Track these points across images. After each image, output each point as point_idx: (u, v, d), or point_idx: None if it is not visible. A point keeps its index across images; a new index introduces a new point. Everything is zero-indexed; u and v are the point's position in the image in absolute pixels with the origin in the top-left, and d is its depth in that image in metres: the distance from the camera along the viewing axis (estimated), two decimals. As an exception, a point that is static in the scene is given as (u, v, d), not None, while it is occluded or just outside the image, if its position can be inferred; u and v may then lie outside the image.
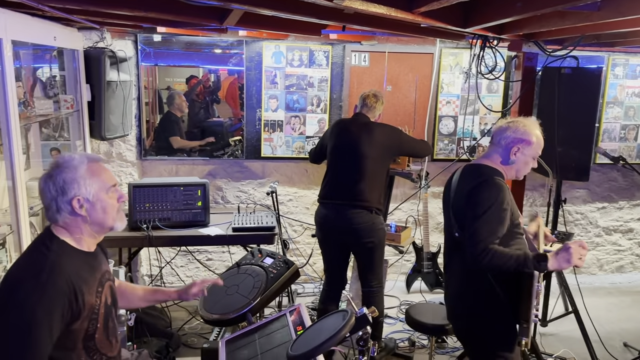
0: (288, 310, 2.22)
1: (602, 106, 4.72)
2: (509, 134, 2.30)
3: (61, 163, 1.71)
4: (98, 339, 1.73)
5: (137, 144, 4.30)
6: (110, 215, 1.76)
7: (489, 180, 2.19)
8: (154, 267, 4.38)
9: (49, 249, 1.66)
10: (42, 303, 1.56)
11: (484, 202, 2.13)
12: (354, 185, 3.22)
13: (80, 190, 1.69)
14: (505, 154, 2.30)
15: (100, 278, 1.79)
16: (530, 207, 4.99)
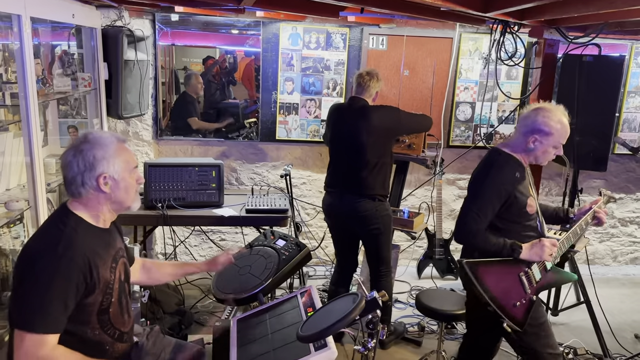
0: (299, 291, 2.24)
1: (624, 95, 4.63)
2: (528, 122, 2.29)
3: (91, 139, 1.75)
4: (112, 313, 1.77)
5: (153, 123, 4.33)
6: (131, 195, 1.82)
7: (490, 161, 2.30)
8: (168, 245, 4.44)
9: (65, 224, 1.69)
10: (58, 274, 1.60)
11: (477, 181, 2.30)
12: (355, 174, 3.21)
13: (109, 168, 1.74)
14: (524, 142, 2.29)
15: (115, 255, 1.82)
16: (546, 197, 4.94)
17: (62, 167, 1.76)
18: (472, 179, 2.38)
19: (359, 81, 3.28)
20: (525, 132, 2.29)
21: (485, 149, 4.70)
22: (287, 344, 1.89)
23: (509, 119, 4.66)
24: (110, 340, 1.78)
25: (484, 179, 2.28)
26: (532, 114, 2.30)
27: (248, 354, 1.92)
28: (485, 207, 2.24)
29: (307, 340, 1.70)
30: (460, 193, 4.90)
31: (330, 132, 3.37)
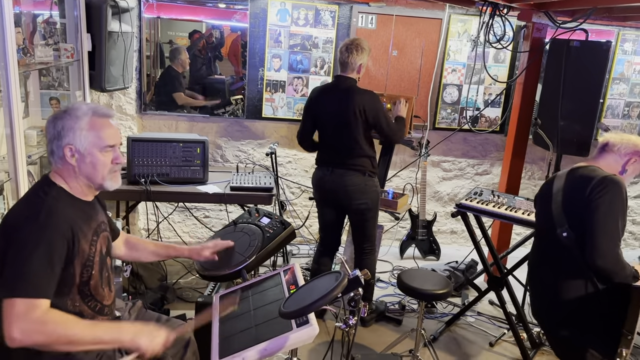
0: (282, 269, 2.25)
1: (608, 82, 4.67)
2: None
3: (68, 109, 1.74)
4: (93, 285, 1.76)
5: (137, 97, 4.27)
6: (100, 172, 1.76)
7: (613, 184, 2.17)
8: (151, 221, 4.41)
9: (47, 193, 1.69)
10: (42, 240, 1.59)
11: (609, 207, 2.13)
12: (346, 150, 3.23)
13: (75, 140, 1.71)
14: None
15: (96, 228, 1.81)
16: (529, 180, 5.00)
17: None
18: (594, 202, 2.16)
19: (340, 58, 3.25)
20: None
21: (471, 132, 4.73)
22: (269, 320, 1.90)
23: (494, 103, 4.68)
24: (91, 312, 1.78)
25: (614, 203, 2.16)
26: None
27: (230, 329, 1.93)
28: (619, 233, 2.16)
29: (289, 316, 1.72)
30: (444, 175, 4.94)
31: (318, 113, 3.34)
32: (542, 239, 2.43)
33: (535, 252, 2.50)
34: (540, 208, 2.49)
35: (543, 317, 2.40)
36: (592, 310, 2.19)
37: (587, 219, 2.14)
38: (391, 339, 3.25)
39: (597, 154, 2.38)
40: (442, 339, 3.46)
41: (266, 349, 1.78)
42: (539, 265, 2.42)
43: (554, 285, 2.27)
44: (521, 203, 3.30)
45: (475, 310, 3.81)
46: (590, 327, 2.20)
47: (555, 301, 2.25)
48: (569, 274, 2.22)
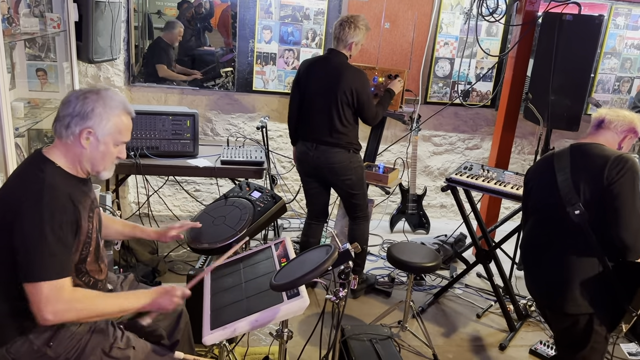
0: (273, 243, 2.27)
1: (600, 56, 4.67)
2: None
3: (102, 94, 1.74)
4: (89, 262, 1.77)
5: (125, 69, 4.20)
6: (104, 163, 1.79)
7: (630, 162, 2.18)
8: (141, 195, 4.40)
9: (43, 170, 1.67)
10: (51, 220, 1.59)
11: (632, 185, 2.15)
12: (331, 126, 3.21)
13: (98, 127, 1.71)
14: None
15: (91, 204, 1.81)
16: (519, 155, 5.03)
17: (62, 102, 1.74)
18: (617, 184, 2.16)
19: (334, 33, 3.23)
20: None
21: (462, 106, 4.73)
22: (261, 293, 1.92)
23: (486, 77, 4.67)
24: (85, 287, 1.78)
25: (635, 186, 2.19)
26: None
27: (221, 301, 1.95)
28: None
29: (280, 289, 1.74)
30: (435, 150, 4.95)
31: (305, 85, 3.31)
32: (545, 219, 2.39)
33: (535, 231, 2.46)
34: (540, 187, 2.43)
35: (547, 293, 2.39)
36: (602, 287, 2.21)
37: (608, 199, 2.14)
38: (380, 311, 3.30)
39: (594, 131, 2.36)
40: (430, 311, 3.53)
41: (257, 320, 1.80)
42: (543, 245, 2.39)
43: (563, 265, 2.26)
44: (510, 177, 3.32)
45: (463, 283, 3.88)
46: (598, 302, 2.22)
47: (564, 277, 2.25)
48: (579, 252, 2.22)
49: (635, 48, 4.72)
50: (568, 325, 2.33)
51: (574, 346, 2.32)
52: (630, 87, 4.83)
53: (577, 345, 2.29)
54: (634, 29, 4.66)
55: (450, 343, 3.20)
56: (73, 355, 1.72)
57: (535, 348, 3.13)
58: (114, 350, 1.77)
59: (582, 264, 2.22)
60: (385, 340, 2.52)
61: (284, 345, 2.08)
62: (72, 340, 1.72)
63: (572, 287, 2.22)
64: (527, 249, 2.52)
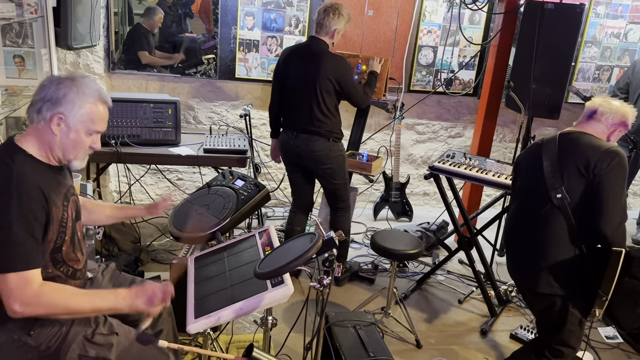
0: (257, 231, 2.27)
1: (580, 45, 4.72)
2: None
3: (78, 81, 1.70)
4: (65, 251, 1.75)
5: (105, 56, 4.13)
6: (76, 152, 1.74)
7: (619, 156, 2.21)
8: (122, 183, 4.35)
9: (13, 159, 1.63)
10: (18, 211, 1.56)
11: (619, 178, 2.19)
12: (311, 115, 3.20)
13: (69, 113, 1.67)
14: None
15: (66, 192, 1.78)
16: (500, 143, 5.08)
17: (38, 86, 1.70)
18: (604, 173, 2.20)
19: (317, 19, 3.20)
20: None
21: (445, 95, 4.75)
22: (245, 281, 1.92)
23: (468, 65, 4.69)
24: (63, 277, 1.76)
25: (623, 177, 2.24)
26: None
27: (205, 290, 1.95)
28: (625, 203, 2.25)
29: (264, 277, 1.74)
30: (418, 138, 4.97)
31: (286, 73, 3.29)
32: (528, 201, 2.45)
33: (519, 212, 2.52)
34: (527, 171, 2.48)
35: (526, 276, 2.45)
36: (577, 271, 2.27)
37: (594, 190, 2.19)
38: (364, 298, 3.33)
39: (585, 121, 2.38)
40: (413, 297, 3.57)
41: (242, 308, 1.81)
42: (524, 225, 2.45)
43: (540, 244, 2.32)
44: (492, 165, 3.35)
45: (445, 269, 3.93)
46: (572, 285, 2.28)
47: (541, 259, 2.31)
48: (557, 235, 2.28)
49: (615, 37, 4.78)
50: (545, 307, 2.40)
51: (551, 328, 2.38)
52: (610, 76, 4.89)
53: (555, 328, 2.36)
54: (614, 18, 4.71)
55: (432, 328, 3.24)
56: (55, 344, 1.70)
57: (515, 332, 3.19)
58: (96, 337, 1.76)
59: (560, 247, 2.27)
60: (369, 326, 2.55)
61: (269, 333, 2.09)
62: (53, 328, 1.70)
63: (548, 268, 2.29)
64: (509, 229, 2.58)
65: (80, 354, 1.72)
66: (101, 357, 1.74)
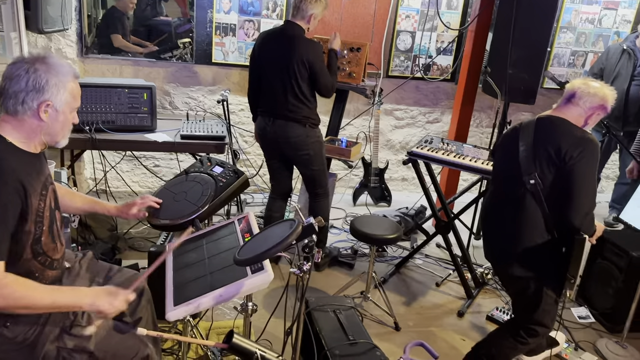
0: (237, 218, 2.25)
1: (556, 30, 4.77)
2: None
3: (50, 63, 1.67)
4: (44, 242, 1.72)
5: (78, 40, 4.02)
6: (63, 132, 1.76)
7: (591, 144, 2.22)
8: (98, 170, 4.28)
9: None
10: None
11: (590, 168, 2.21)
12: (287, 101, 3.18)
13: (55, 98, 1.66)
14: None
15: (45, 181, 1.74)
16: (477, 128, 5.13)
17: (5, 76, 1.64)
18: (576, 160, 2.21)
19: (294, 2, 3.16)
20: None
21: (423, 80, 4.76)
22: (224, 268, 1.92)
23: (446, 51, 4.70)
24: (41, 267, 1.73)
25: (594, 165, 2.26)
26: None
27: (184, 277, 1.93)
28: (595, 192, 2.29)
29: (244, 263, 1.73)
30: (396, 123, 4.99)
31: (260, 57, 3.25)
32: (504, 184, 2.48)
33: (495, 196, 2.55)
34: (503, 154, 2.50)
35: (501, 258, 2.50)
36: (547, 254, 2.32)
37: (564, 178, 2.21)
38: (343, 282, 3.35)
39: (563, 105, 2.38)
40: (392, 281, 3.61)
41: (221, 295, 1.80)
42: (499, 209, 2.49)
43: (514, 228, 2.36)
44: (469, 150, 3.39)
45: (423, 253, 3.98)
46: (545, 268, 2.34)
47: (515, 243, 2.36)
48: (530, 220, 2.32)
49: (590, 22, 4.84)
50: (520, 289, 2.46)
51: (526, 309, 2.44)
52: (584, 61, 4.97)
53: (530, 308, 2.42)
54: (589, 4, 4.77)
55: (410, 311, 3.29)
56: (32, 335, 1.67)
57: (491, 314, 3.26)
58: (74, 328, 1.74)
59: (533, 231, 2.32)
60: (349, 310, 2.57)
61: (249, 319, 2.10)
62: (30, 319, 1.68)
63: (522, 251, 2.34)
64: (485, 213, 2.62)
65: (59, 346, 1.70)
66: (79, 348, 1.72)
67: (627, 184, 4.56)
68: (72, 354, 1.71)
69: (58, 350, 1.70)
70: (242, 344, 1.77)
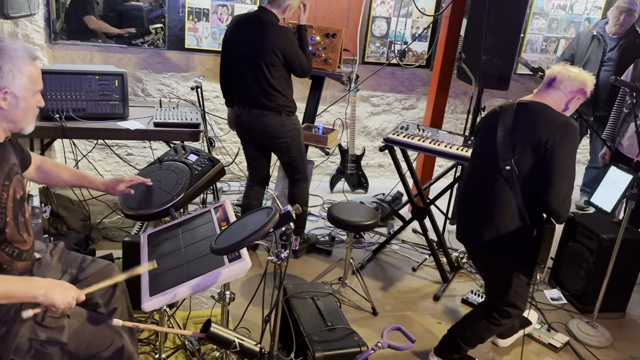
0: (213, 206, 2.23)
1: (529, 16, 4.82)
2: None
3: (2, 48, 1.60)
4: (9, 233, 1.67)
5: (46, 25, 3.90)
6: (27, 117, 1.71)
7: (571, 130, 2.23)
8: (69, 159, 4.18)
9: None
10: None
11: (569, 153, 2.22)
12: (261, 89, 3.14)
13: (13, 84, 1.61)
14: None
15: (9, 171, 1.69)
16: (452, 114, 5.17)
17: None
18: (555, 147, 2.22)
19: None
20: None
21: (398, 67, 4.77)
22: (201, 257, 1.90)
23: (421, 37, 4.71)
24: (8, 259, 1.69)
25: (574, 152, 2.28)
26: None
27: (160, 267, 1.91)
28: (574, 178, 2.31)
29: (221, 252, 1.72)
30: (373, 110, 4.99)
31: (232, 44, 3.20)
32: (480, 169, 2.50)
33: (471, 180, 2.57)
34: (482, 138, 2.52)
35: (474, 242, 2.54)
36: (519, 238, 2.36)
37: (544, 163, 2.23)
38: (321, 269, 3.36)
39: (543, 89, 2.39)
40: (369, 266, 3.64)
41: (198, 284, 1.78)
42: (474, 192, 2.51)
43: (488, 212, 2.39)
44: (444, 136, 3.42)
45: (400, 239, 4.01)
46: (516, 252, 2.38)
47: (488, 227, 2.38)
48: (503, 204, 2.34)
49: (562, 9, 4.90)
50: (492, 272, 2.53)
51: (498, 291, 2.49)
52: (556, 47, 5.03)
53: (501, 291, 2.47)
54: (560, -9, 4.83)
55: (388, 296, 3.32)
56: (2, 329, 1.63)
57: (466, 297, 3.32)
58: (46, 320, 1.70)
59: (506, 216, 2.35)
60: (327, 296, 2.58)
61: (227, 307, 2.09)
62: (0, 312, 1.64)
63: (495, 235, 2.37)
64: (461, 196, 2.66)
65: (30, 338, 1.67)
66: (52, 339, 1.69)
67: (597, 168, 4.67)
68: (45, 345, 1.68)
69: (30, 342, 1.67)
70: (220, 333, 1.76)
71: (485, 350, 2.86)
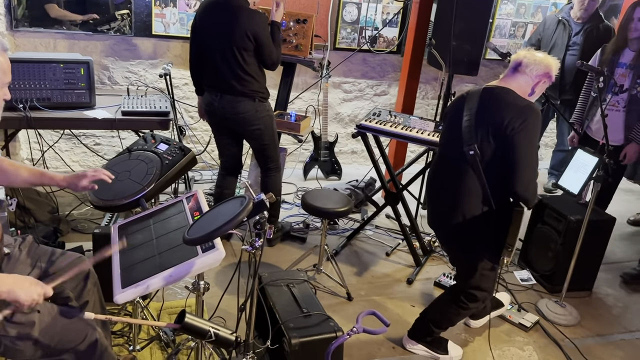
0: (185, 196, 2.20)
1: (497, 2, 4.86)
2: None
3: None
4: None
5: (7, 12, 3.76)
6: None
7: (532, 114, 2.25)
8: (35, 151, 4.06)
9: None
10: None
11: (531, 138, 2.25)
12: (234, 75, 3.10)
13: None
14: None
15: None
16: (422, 100, 5.21)
17: None
18: (517, 131, 2.25)
19: None
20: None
21: (370, 53, 4.77)
22: (173, 248, 1.88)
23: (392, 22, 4.71)
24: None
25: (535, 136, 2.30)
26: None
27: (132, 259, 1.88)
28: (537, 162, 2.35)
29: (194, 242, 1.70)
30: (345, 96, 4.99)
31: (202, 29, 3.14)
32: (446, 154, 2.52)
33: (438, 165, 2.60)
34: (449, 123, 2.53)
35: (441, 226, 2.59)
36: (484, 222, 2.39)
37: (506, 148, 2.25)
38: (296, 256, 3.37)
39: (511, 74, 2.41)
40: (344, 252, 3.66)
41: (171, 275, 1.77)
42: (441, 177, 2.54)
43: (453, 198, 2.42)
44: (416, 122, 3.44)
45: (374, 224, 4.05)
46: (481, 236, 2.42)
47: (454, 212, 2.42)
48: (468, 190, 2.37)
49: (529, -5, 4.97)
50: (458, 256, 2.59)
51: (465, 275, 2.56)
52: (524, 32, 5.11)
53: (468, 274, 2.53)
54: (528, -24, 4.89)
55: (362, 281, 3.35)
56: None
57: (439, 280, 3.37)
58: (16, 316, 1.66)
59: (471, 200, 2.38)
60: (302, 283, 2.59)
61: (201, 297, 2.07)
62: None
63: (461, 220, 2.41)
64: (429, 181, 2.68)
65: (0, 334, 1.63)
66: (23, 335, 1.65)
67: (564, 151, 4.78)
68: (16, 342, 1.65)
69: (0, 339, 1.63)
70: (194, 323, 1.75)
71: (457, 332, 2.92)
